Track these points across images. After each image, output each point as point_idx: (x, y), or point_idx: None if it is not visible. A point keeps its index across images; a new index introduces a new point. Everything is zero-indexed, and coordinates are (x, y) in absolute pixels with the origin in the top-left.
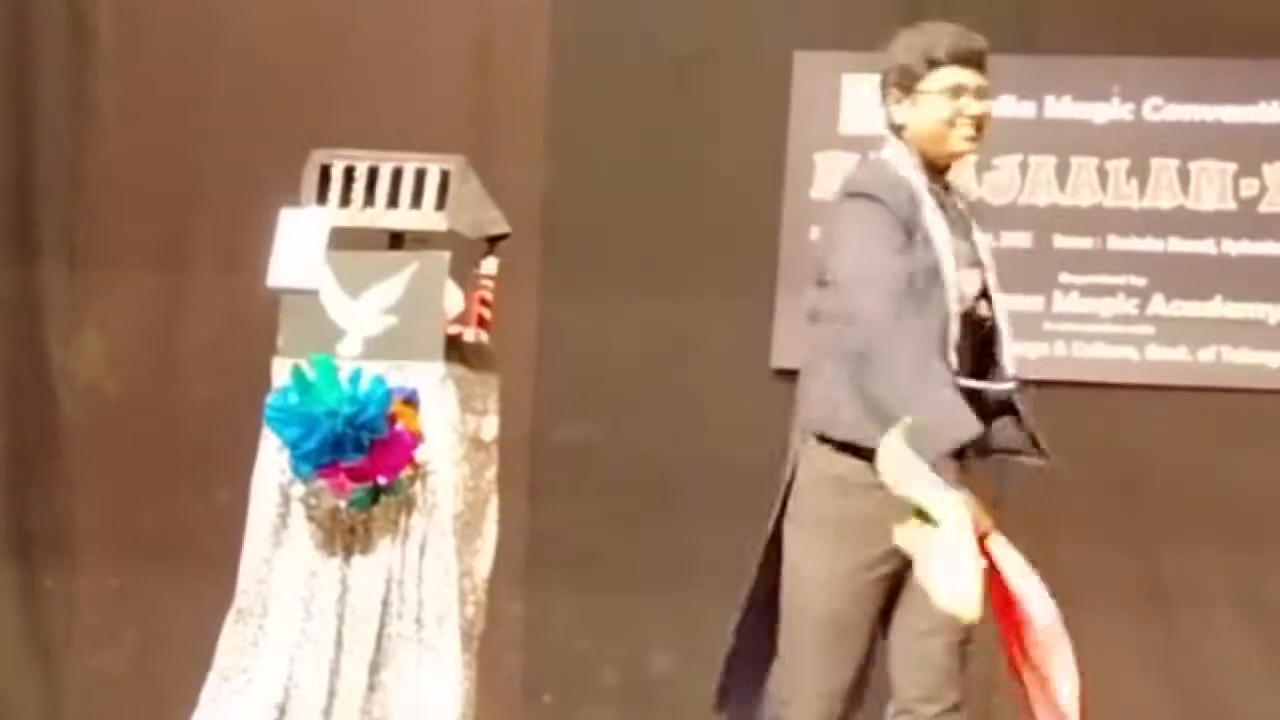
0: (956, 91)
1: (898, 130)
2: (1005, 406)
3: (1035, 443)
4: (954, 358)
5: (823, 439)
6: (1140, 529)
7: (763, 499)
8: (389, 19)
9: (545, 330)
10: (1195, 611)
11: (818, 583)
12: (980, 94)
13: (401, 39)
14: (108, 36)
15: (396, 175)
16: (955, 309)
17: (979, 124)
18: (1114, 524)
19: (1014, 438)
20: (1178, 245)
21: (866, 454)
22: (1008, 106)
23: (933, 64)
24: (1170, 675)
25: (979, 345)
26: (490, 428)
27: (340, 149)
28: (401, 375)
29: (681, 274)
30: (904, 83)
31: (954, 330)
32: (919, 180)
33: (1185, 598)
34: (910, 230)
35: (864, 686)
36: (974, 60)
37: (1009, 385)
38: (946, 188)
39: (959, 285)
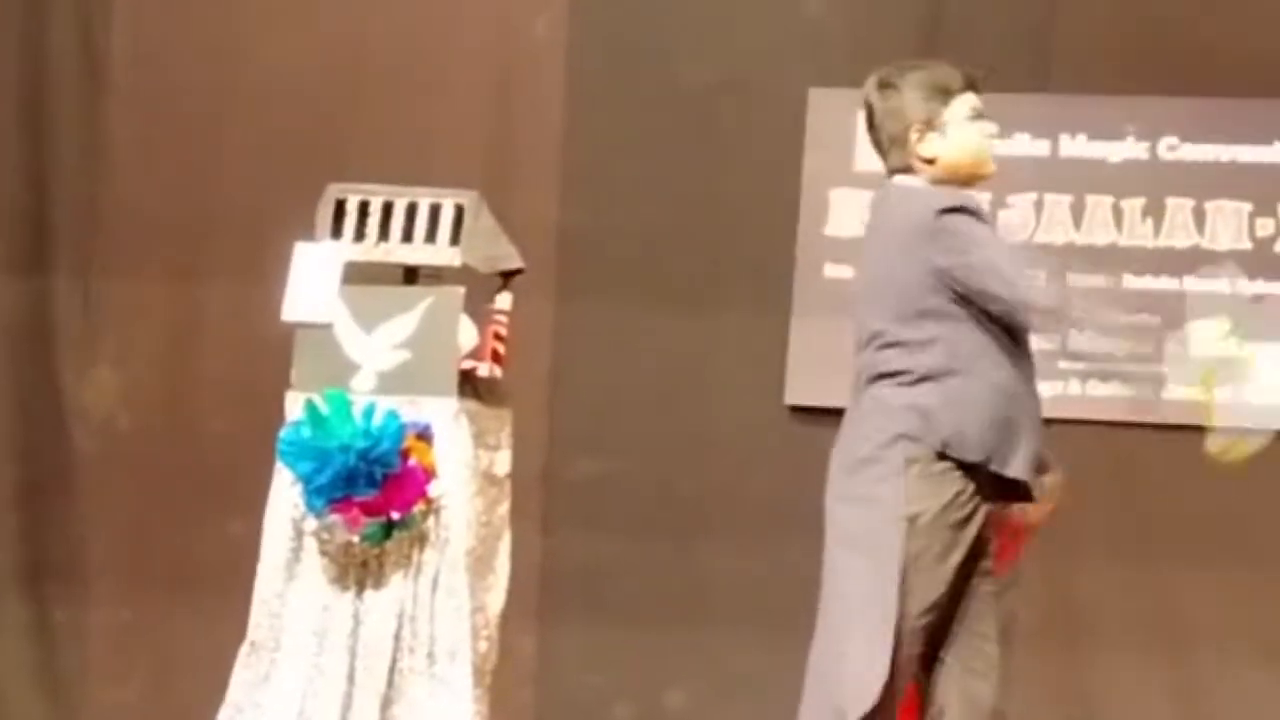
0: (975, 116)
1: (928, 163)
2: None
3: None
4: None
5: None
6: (1156, 567)
7: (776, 533)
8: (406, 53)
9: (559, 365)
10: (1211, 649)
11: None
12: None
13: (418, 73)
14: (122, 70)
15: (411, 210)
16: None
17: None
18: (1130, 562)
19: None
20: (1193, 284)
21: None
22: (1023, 145)
23: (950, 94)
24: (1187, 712)
25: None
26: (503, 463)
27: (355, 183)
28: (415, 410)
29: (696, 310)
30: (928, 119)
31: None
32: None
33: (1201, 636)
34: None
35: None
36: (978, 85)
37: None
38: None
39: None
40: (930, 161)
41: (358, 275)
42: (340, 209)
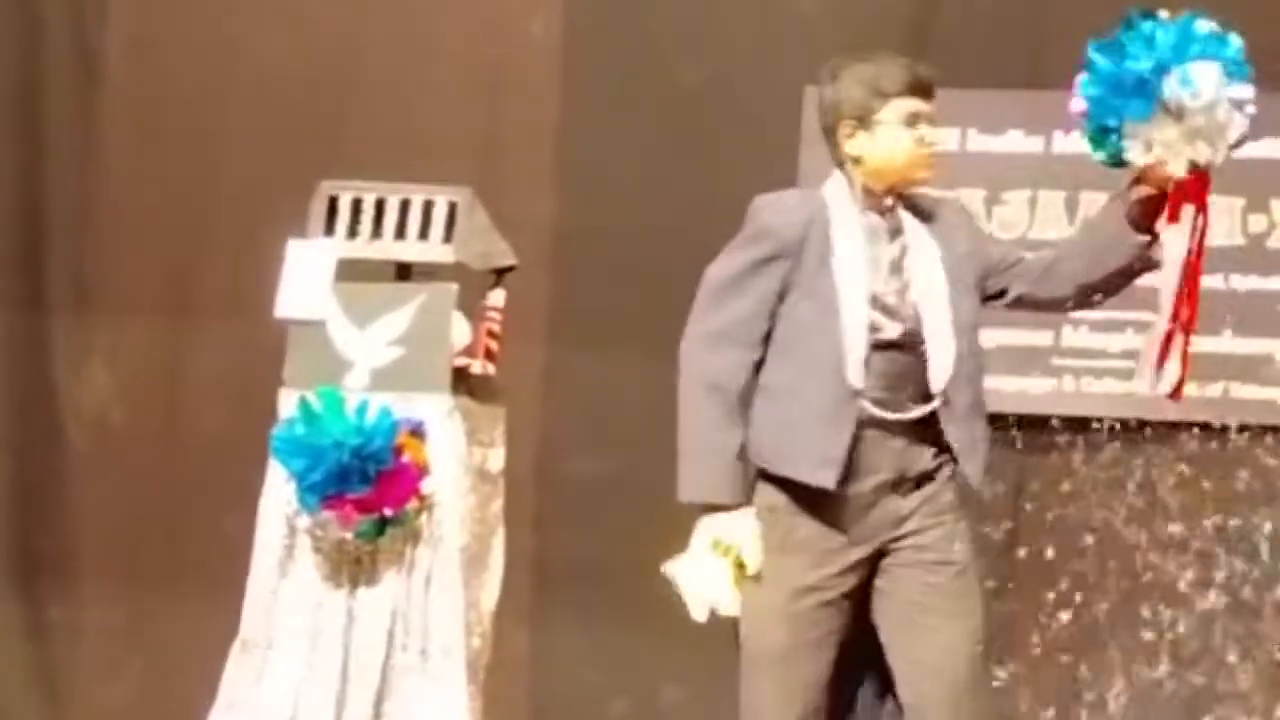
0: (912, 120)
1: (854, 162)
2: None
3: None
4: (855, 377)
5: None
6: (1148, 564)
7: None
8: (399, 50)
9: (552, 363)
10: (1206, 651)
11: (757, 614)
12: (932, 122)
13: (411, 70)
14: (116, 72)
15: (404, 206)
16: (860, 336)
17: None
18: (1123, 558)
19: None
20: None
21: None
22: (1016, 141)
23: (885, 95)
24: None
25: (912, 369)
26: (496, 460)
27: (348, 180)
28: (408, 407)
29: (690, 307)
30: (858, 115)
31: (856, 354)
32: (847, 211)
33: (1194, 637)
34: (798, 255)
35: (821, 714)
36: (924, 89)
37: (924, 410)
38: (895, 215)
39: (870, 314)
40: (856, 160)
41: (351, 272)
42: (333, 206)
